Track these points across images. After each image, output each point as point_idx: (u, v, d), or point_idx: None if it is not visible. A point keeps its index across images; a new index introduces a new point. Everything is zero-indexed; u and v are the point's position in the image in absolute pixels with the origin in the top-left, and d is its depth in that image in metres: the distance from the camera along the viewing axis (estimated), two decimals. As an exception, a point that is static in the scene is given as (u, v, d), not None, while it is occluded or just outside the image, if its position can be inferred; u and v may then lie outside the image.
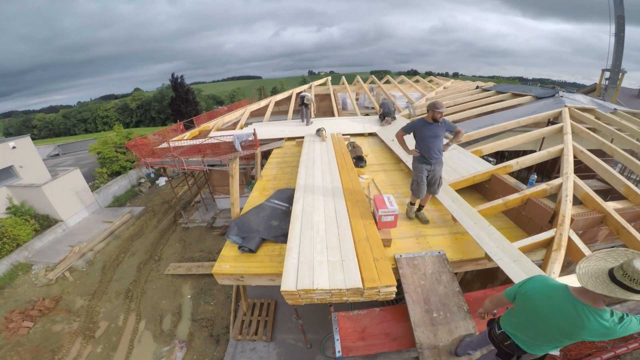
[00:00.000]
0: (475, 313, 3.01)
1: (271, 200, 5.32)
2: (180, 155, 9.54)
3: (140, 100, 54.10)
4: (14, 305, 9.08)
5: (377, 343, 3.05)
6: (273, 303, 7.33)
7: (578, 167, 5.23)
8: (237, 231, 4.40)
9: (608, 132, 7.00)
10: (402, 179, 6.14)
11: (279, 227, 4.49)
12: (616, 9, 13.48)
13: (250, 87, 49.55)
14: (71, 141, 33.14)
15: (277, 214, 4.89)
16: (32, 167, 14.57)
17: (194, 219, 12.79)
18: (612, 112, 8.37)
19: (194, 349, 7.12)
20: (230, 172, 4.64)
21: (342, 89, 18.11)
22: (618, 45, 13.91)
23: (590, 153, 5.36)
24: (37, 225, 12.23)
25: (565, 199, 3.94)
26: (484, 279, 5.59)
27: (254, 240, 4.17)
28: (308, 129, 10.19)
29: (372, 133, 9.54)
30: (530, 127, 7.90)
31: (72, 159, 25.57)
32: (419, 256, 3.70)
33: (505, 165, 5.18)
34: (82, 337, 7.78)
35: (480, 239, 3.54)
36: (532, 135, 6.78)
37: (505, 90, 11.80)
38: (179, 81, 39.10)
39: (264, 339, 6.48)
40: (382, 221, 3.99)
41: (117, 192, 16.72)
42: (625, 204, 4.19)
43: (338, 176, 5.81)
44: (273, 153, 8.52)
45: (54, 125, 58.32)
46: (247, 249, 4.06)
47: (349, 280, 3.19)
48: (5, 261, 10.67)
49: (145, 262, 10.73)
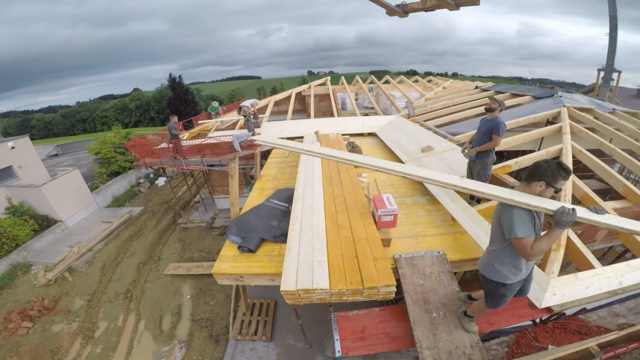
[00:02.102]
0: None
1: (271, 200, 5.31)
2: (180, 155, 9.54)
3: (140, 100, 54.03)
4: (13, 306, 9.06)
5: (377, 343, 3.05)
6: (273, 303, 7.33)
7: (577, 167, 5.25)
8: (236, 231, 4.40)
9: (607, 132, 7.02)
10: (401, 179, 6.14)
11: (278, 227, 4.49)
12: (609, 8, 13.56)
13: (250, 87, 49.49)
14: (70, 141, 33.11)
15: (277, 214, 4.88)
16: (31, 167, 14.57)
17: (193, 219, 12.78)
18: (611, 112, 8.39)
19: (193, 349, 7.12)
20: (229, 172, 4.63)
21: (341, 89, 18.11)
22: (611, 46, 13.99)
23: (589, 153, 5.37)
24: (35, 226, 12.21)
25: (564, 198, 3.95)
26: (483, 278, 5.60)
27: (253, 240, 4.17)
28: (308, 129, 10.17)
29: (372, 133, 9.55)
30: (529, 127, 7.91)
31: (71, 159, 25.54)
32: (419, 256, 3.70)
33: (504, 165, 5.20)
34: (82, 337, 7.78)
35: (479, 238, 3.55)
36: (531, 135, 6.80)
37: (504, 90, 11.82)
38: (177, 81, 39.03)
39: (263, 339, 6.48)
40: (382, 221, 3.99)
41: (116, 192, 16.71)
42: (624, 203, 4.21)
43: (338, 178, 5.81)
44: (272, 153, 8.51)
45: (53, 125, 58.25)
46: (246, 249, 4.07)
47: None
48: (4, 261, 10.66)
49: (145, 262, 10.72)
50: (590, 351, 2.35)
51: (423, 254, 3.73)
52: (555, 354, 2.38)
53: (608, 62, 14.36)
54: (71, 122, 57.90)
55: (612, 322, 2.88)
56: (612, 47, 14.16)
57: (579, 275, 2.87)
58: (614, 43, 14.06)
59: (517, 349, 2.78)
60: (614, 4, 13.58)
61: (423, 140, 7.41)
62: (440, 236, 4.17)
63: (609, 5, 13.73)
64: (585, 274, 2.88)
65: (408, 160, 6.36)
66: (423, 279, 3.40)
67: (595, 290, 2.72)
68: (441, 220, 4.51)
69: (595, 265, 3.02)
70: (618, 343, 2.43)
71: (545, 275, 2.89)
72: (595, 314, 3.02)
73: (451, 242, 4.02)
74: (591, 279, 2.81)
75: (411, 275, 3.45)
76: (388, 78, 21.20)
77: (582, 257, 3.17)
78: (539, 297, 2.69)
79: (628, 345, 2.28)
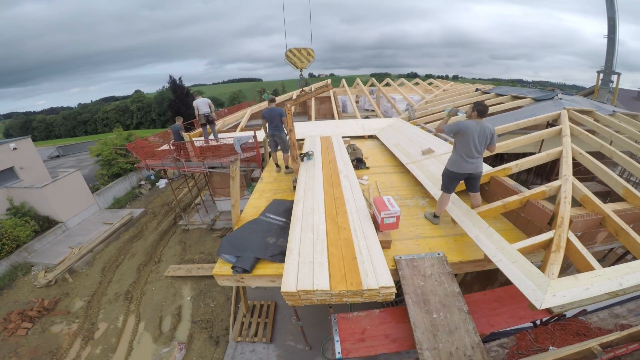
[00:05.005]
0: (475, 314, 3.03)
1: (267, 215, 4.97)
2: (185, 157, 9.56)
3: (141, 102, 54.26)
4: (13, 306, 9.07)
5: (377, 344, 3.05)
6: (273, 305, 7.32)
7: (577, 170, 5.25)
8: (230, 249, 4.09)
9: (607, 134, 7.02)
10: (401, 181, 6.16)
11: (275, 245, 4.18)
12: (607, 10, 13.59)
13: (251, 89, 49.65)
14: (71, 143, 33.22)
15: (274, 230, 4.52)
16: (32, 169, 14.62)
17: (194, 221, 12.79)
18: (611, 114, 8.41)
19: (193, 351, 7.11)
20: (231, 175, 4.63)
21: (342, 92, 18.18)
22: (610, 47, 14.00)
23: (589, 155, 5.37)
24: (36, 227, 12.24)
25: (564, 200, 3.95)
26: (483, 280, 5.60)
27: (248, 259, 3.88)
28: (309, 130, 10.21)
29: (372, 135, 9.57)
30: (530, 130, 7.93)
31: (72, 161, 25.60)
32: (419, 258, 3.71)
33: (504, 167, 5.20)
34: (81, 338, 7.77)
35: (479, 240, 3.55)
36: (531, 138, 6.80)
37: (504, 92, 11.85)
38: (177, 83, 39.20)
39: (263, 340, 6.47)
40: (385, 223, 3.99)
41: (117, 193, 16.75)
42: (624, 205, 4.20)
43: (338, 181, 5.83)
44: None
45: (55, 126, 58.50)
46: (240, 270, 3.78)
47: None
48: (5, 262, 10.67)
49: (145, 263, 10.72)
50: (592, 351, 2.35)
51: (423, 256, 3.73)
52: (557, 354, 2.39)
53: (607, 64, 14.39)
54: (72, 123, 58.18)
55: (612, 323, 2.88)
56: (611, 49, 14.19)
57: (579, 277, 2.87)
58: (613, 45, 14.08)
59: (518, 350, 2.78)
60: (612, 5, 13.62)
61: (423, 142, 7.44)
62: (441, 238, 4.18)
63: (607, 7, 13.76)
64: (585, 275, 2.87)
65: (408, 163, 6.37)
66: (423, 280, 3.40)
67: (595, 292, 2.71)
68: (441, 222, 4.52)
69: (596, 266, 3.01)
70: (619, 343, 2.43)
71: (545, 277, 2.89)
72: (596, 315, 3.02)
73: (451, 244, 4.03)
74: (591, 280, 2.81)
75: (411, 277, 3.46)
76: (389, 81, 21.27)
77: (582, 259, 3.16)
78: (539, 298, 2.69)
79: (628, 346, 2.28)
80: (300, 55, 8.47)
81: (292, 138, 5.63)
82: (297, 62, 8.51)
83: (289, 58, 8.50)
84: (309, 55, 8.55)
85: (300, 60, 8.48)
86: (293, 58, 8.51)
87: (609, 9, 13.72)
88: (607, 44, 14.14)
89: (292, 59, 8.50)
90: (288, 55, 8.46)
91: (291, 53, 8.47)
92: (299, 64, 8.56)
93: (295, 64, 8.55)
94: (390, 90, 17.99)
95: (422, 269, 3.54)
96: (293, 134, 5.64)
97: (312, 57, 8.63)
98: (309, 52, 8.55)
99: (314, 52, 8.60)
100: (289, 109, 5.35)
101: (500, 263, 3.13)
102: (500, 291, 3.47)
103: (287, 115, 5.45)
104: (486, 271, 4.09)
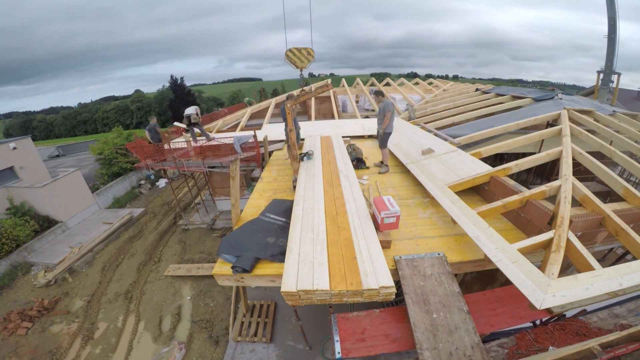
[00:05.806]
0: (475, 314, 3.03)
1: (266, 214, 4.98)
2: (181, 157, 9.57)
3: (141, 102, 54.24)
4: (13, 306, 9.07)
5: (377, 344, 3.05)
6: (273, 305, 7.32)
7: (577, 170, 5.25)
8: (229, 249, 4.12)
9: (607, 134, 7.03)
10: (401, 181, 6.16)
11: (275, 245, 4.20)
12: (608, 10, 13.55)
13: (251, 89, 49.66)
14: (71, 142, 33.22)
15: (274, 230, 4.54)
16: (32, 168, 14.60)
17: (194, 221, 12.79)
18: (611, 114, 8.41)
19: (193, 351, 7.11)
20: (231, 174, 4.62)
21: (342, 92, 18.17)
22: (610, 47, 13.97)
23: (589, 155, 5.38)
24: (36, 226, 12.23)
25: (564, 200, 3.96)
26: (483, 280, 5.60)
27: (248, 259, 3.90)
28: (309, 130, 10.22)
29: (372, 135, 9.56)
30: (530, 130, 7.93)
31: (72, 160, 25.59)
32: (419, 257, 3.71)
33: (504, 167, 5.20)
34: (81, 338, 7.77)
35: (479, 240, 3.55)
36: (531, 138, 6.81)
37: (504, 92, 11.86)
38: (178, 83, 39.22)
39: (263, 340, 6.47)
40: (385, 223, 3.99)
41: (117, 193, 16.75)
42: (624, 205, 4.20)
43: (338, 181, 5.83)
44: (273, 155, 8.54)
45: (54, 126, 58.49)
46: (240, 270, 3.80)
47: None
48: (5, 262, 10.67)
49: (145, 263, 10.72)
50: (592, 351, 2.35)
51: (423, 256, 3.73)
52: (557, 354, 2.39)
53: (607, 64, 14.37)
54: (72, 123, 58.14)
55: (612, 323, 2.88)
56: (611, 49, 14.17)
57: (578, 277, 2.87)
58: (613, 45, 14.05)
59: (517, 350, 2.79)
60: (613, 5, 13.59)
61: (423, 142, 7.43)
62: (441, 238, 4.18)
63: (607, 7, 13.73)
64: (585, 275, 2.87)
65: (408, 163, 6.37)
66: (423, 280, 3.40)
67: (595, 292, 2.71)
68: (441, 222, 4.52)
69: (595, 266, 3.01)
70: (619, 343, 2.43)
71: (545, 277, 2.89)
72: (596, 315, 3.02)
73: (451, 244, 4.02)
74: (591, 280, 2.81)
75: (411, 277, 3.46)
76: (389, 80, 21.26)
77: (582, 259, 3.17)
78: (539, 298, 2.69)
79: (628, 346, 2.29)
80: (300, 55, 8.48)
81: (292, 138, 5.62)
82: (297, 61, 8.51)
83: (288, 58, 8.50)
84: (309, 55, 8.55)
85: (300, 60, 8.49)
86: (293, 58, 8.51)
87: (609, 9, 13.70)
88: (607, 44, 14.12)
89: (292, 59, 8.50)
90: (288, 54, 8.47)
91: (291, 53, 8.47)
92: (298, 64, 8.56)
93: (295, 63, 8.55)
94: (390, 90, 17.98)
95: (422, 269, 3.54)
96: (293, 133, 5.64)
97: (312, 57, 8.64)
98: (309, 52, 8.56)
99: (314, 51, 8.62)
100: (288, 108, 5.35)
101: (500, 263, 3.13)
102: (500, 291, 3.47)
103: (287, 115, 5.45)
104: (486, 271, 4.09)
